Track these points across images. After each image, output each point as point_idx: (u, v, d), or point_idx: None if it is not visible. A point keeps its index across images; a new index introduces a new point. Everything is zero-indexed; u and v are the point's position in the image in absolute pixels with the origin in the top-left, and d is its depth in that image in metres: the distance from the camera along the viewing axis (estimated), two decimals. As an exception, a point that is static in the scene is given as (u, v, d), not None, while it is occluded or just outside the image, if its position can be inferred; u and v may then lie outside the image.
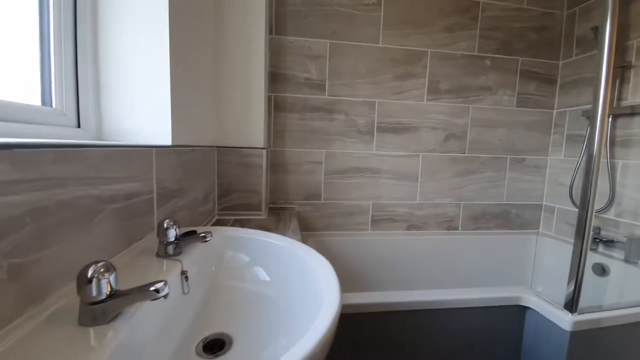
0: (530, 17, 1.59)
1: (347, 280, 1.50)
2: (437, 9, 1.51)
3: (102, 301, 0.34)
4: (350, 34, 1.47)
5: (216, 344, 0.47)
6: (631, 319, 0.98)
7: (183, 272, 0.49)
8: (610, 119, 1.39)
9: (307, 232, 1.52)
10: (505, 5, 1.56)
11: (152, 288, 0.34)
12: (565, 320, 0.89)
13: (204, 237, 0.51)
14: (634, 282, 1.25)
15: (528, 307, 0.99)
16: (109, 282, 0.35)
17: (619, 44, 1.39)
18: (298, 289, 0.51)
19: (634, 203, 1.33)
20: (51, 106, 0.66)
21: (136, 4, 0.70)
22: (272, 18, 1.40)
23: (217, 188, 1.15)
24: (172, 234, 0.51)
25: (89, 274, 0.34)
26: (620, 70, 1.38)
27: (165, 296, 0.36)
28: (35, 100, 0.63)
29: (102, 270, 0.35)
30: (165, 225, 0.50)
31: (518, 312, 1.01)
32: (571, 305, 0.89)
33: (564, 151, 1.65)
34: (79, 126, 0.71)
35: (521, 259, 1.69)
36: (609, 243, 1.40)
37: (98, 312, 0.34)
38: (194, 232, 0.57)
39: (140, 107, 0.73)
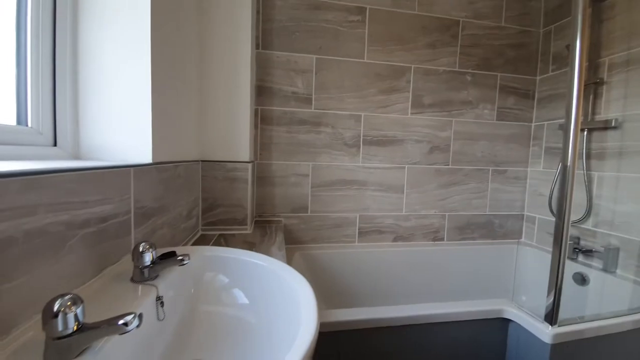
0: (508, 35, 1.66)
1: (335, 294, 1.49)
2: (420, 26, 1.56)
3: (69, 336, 0.33)
4: (336, 50, 1.50)
5: (192, 372, 0.46)
6: (611, 329, 1.00)
7: (158, 298, 0.48)
8: (585, 132, 1.46)
9: (294, 245, 1.52)
10: (484, 23, 1.63)
11: (120, 322, 0.33)
12: (546, 333, 0.90)
13: (182, 260, 0.50)
14: (612, 291, 1.29)
15: (510, 320, 1.01)
16: (76, 315, 0.34)
17: (592, 61, 1.46)
18: (277, 312, 0.51)
19: (609, 214, 1.38)
20: (27, 125, 0.65)
21: (117, 17, 0.70)
22: (259, 33, 1.42)
23: (202, 203, 1.14)
24: (147, 258, 0.50)
25: (55, 308, 0.33)
26: (594, 86, 1.45)
27: (138, 326, 0.35)
28: (10, 119, 0.62)
29: (68, 303, 0.34)
30: (140, 249, 0.49)
31: (501, 325, 1.03)
32: (551, 317, 0.91)
33: (542, 163, 1.70)
34: (55, 145, 0.70)
35: (506, 269, 1.72)
36: (588, 253, 1.44)
37: (64, 347, 0.33)
38: (173, 253, 0.56)
39: (120, 123, 0.72)
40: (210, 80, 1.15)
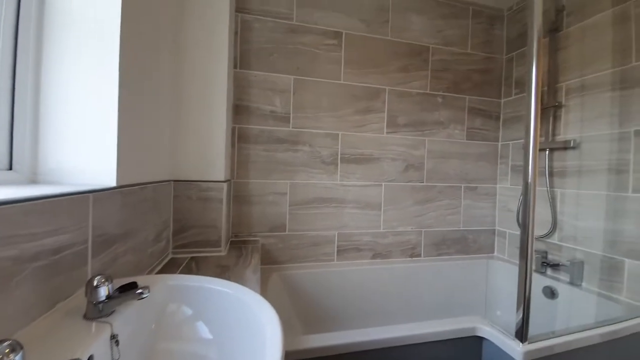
0: (474, 61, 1.78)
1: (314, 315, 1.46)
2: (392, 51, 1.63)
3: (3, 388, 0.30)
4: (314, 71, 1.53)
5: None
6: (580, 343, 1.02)
7: (113, 337, 0.45)
8: (547, 152, 1.55)
9: (272, 265, 1.49)
10: (452, 50, 1.73)
11: (62, 370, 0.31)
12: (517, 350, 0.92)
13: (141, 293, 0.48)
14: (580, 304, 1.34)
15: (484, 338, 1.02)
16: (13, 364, 0.31)
17: (550, 86, 1.58)
18: (241, 345, 0.49)
19: (572, 229, 1.46)
20: (-23, 149, 0.61)
21: (84, 33, 0.68)
22: (237, 53, 1.43)
23: (173, 224, 1.10)
24: (102, 292, 0.47)
25: (-12, 358, 0.30)
26: (553, 109, 1.55)
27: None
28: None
29: (6, 350, 0.31)
30: (95, 283, 0.47)
31: (476, 343, 1.04)
32: (521, 334, 0.93)
33: (509, 180, 1.79)
34: (10, 168, 0.66)
35: (481, 283, 1.76)
36: (556, 267, 1.50)
37: (-4, 401, 0.30)
38: (133, 284, 0.53)
39: (83, 145, 0.69)
40: (186, 99, 1.14)
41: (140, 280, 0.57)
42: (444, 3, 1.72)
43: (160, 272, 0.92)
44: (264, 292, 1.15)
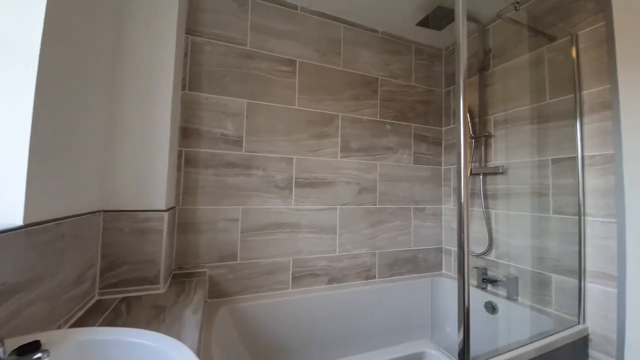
0: (417, 93, 1.94)
1: (266, 350, 1.37)
2: (345, 81, 1.72)
3: None
4: (267, 96, 1.53)
5: None
6: (523, 358, 1.08)
7: (-7, 421, 0.36)
8: (481, 176, 1.71)
9: (221, 298, 1.38)
10: (398, 82, 1.87)
11: None
12: (461, 372, 0.95)
13: (38, 359, 0.40)
14: (517, 318, 1.44)
15: (432, 361, 1.04)
16: None
17: (481, 117, 1.76)
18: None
19: (506, 246, 1.60)
20: None
21: None
22: (186, 75, 1.38)
23: (101, 261, 0.97)
24: (-14, 363, 0.38)
25: None
26: (484, 139, 1.73)
27: None
28: None
29: None
30: (-24, 352, 0.38)
31: (425, 367, 1.05)
32: (463, 355, 0.96)
33: (452, 201, 1.93)
34: None
35: (431, 301, 1.82)
36: (494, 282, 1.61)
37: None
38: (35, 345, 0.45)
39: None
40: (123, 121, 1.05)
41: (45, 337, 0.48)
42: (390, 40, 1.87)
43: (82, 318, 0.80)
44: (209, 331, 1.05)
